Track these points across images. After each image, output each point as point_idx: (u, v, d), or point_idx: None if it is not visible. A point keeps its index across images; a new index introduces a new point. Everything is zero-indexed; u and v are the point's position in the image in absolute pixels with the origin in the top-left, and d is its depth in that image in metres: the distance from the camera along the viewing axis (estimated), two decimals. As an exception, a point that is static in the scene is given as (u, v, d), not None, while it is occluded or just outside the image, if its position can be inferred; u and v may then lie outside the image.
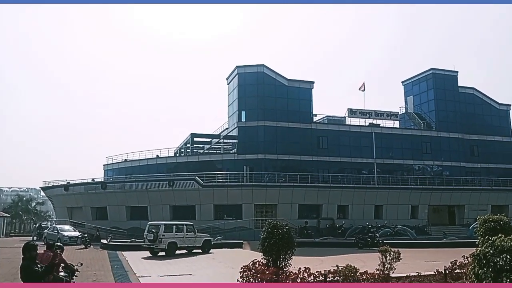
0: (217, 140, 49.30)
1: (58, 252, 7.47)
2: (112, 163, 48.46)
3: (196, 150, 48.83)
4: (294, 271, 10.64)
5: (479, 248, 5.16)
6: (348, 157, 44.89)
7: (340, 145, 45.28)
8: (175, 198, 38.35)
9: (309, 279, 11.05)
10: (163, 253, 23.61)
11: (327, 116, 50.49)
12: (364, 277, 11.84)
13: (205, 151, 49.27)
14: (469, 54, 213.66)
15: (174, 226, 24.97)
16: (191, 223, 26.86)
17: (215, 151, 48.10)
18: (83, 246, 29.38)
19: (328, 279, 11.47)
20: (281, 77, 44.71)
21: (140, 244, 25.60)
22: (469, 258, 5.32)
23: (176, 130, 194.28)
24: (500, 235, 5.18)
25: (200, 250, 25.51)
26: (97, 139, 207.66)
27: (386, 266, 12.25)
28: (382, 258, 12.37)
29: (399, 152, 47.09)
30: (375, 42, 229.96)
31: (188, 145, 48.07)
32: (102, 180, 45.32)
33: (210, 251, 25.81)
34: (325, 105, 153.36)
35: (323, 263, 14.38)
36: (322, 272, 11.71)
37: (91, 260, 21.37)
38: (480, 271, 5.01)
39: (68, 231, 34.27)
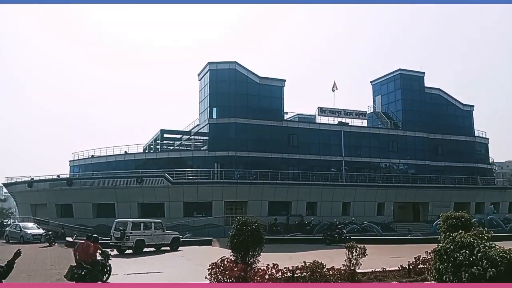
0: (187, 136, 48.83)
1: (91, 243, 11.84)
2: (79, 159, 47.23)
3: (166, 147, 48.22)
4: (262, 268, 10.70)
5: (441, 244, 5.34)
6: (318, 154, 45.49)
7: (310, 143, 45.81)
8: (143, 195, 37.77)
9: (277, 275, 11.15)
10: (131, 251, 23.29)
11: (298, 114, 50.97)
12: (331, 273, 12.06)
13: (175, 147, 48.72)
14: (436, 55, 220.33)
15: (142, 224, 24.64)
16: (160, 221, 26.59)
17: (185, 148, 47.64)
18: (47, 244, 28.57)
19: (295, 275, 11.62)
20: (253, 75, 44.76)
21: (106, 242, 25.12)
22: (431, 254, 5.48)
23: (146, 126, 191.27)
24: (460, 231, 5.38)
25: (168, 248, 25.30)
26: (63, 134, 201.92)
27: (352, 262, 12.51)
28: (348, 254, 12.62)
29: (367, 151, 48.10)
30: (346, 42, 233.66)
31: (158, 141, 47.40)
32: (68, 176, 44.08)
33: (179, 249, 25.64)
34: (296, 103, 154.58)
35: (291, 259, 14.52)
36: (290, 268, 11.86)
37: (55, 258, 20.82)
38: (441, 266, 5.19)
39: (32, 228, 33.21)
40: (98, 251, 12.36)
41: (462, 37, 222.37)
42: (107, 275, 12.83)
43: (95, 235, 13.13)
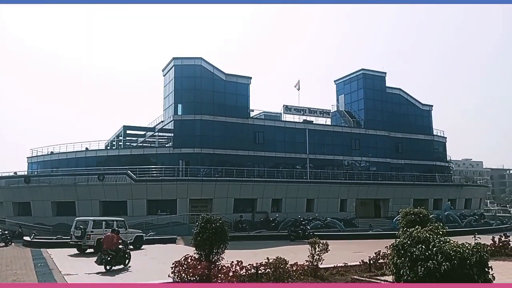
0: (151, 133, 48.01)
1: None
2: (37, 156, 45.44)
3: (129, 143, 47.21)
4: (226, 265, 10.72)
5: (398, 239, 5.53)
6: (283, 152, 45.93)
7: (275, 140, 46.17)
8: (105, 193, 36.84)
9: (241, 272, 11.20)
10: (92, 250, 22.74)
11: (264, 112, 51.21)
12: (294, 269, 12.25)
13: (139, 144, 47.81)
14: (397, 56, 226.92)
15: (104, 222, 24.08)
16: (122, 219, 26.12)
17: (149, 145, 46.85)
18: (3, 244, 27.46)
19: (259, 271, 11.71)
20: (218, 71, 44.54)
21: (66, 241, 24.43)
22: (389, 249, 5.66)
23: (108, 121, 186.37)
24: (417, 227, 5.58)
25: (131, 247, 24.82)
26: (20, 129, 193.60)
27: (315, 258, 12.75)
28: (311, 250, 12.85)
29: (330, 148, 48.97)
30: (311, 41, 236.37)
31: (121, 137, 46.34)
32: (26, 173, 42.36)
33: (142, 247, 25.33)
34: (262, 101, 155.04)
35: (256, 256, 14.61)
36: (254, 264, 11.94)
37: (12, 258, 20.03)
38: (398, 260, 5.37)
39: (-14, 228, 31.68)
40: (119, 240, 16.55)
41: (424, 38, 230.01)
42: (128, 260, 16.81)
43: (116, 228, 18.53)
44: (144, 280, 11.73)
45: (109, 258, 15.66)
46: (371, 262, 13.62)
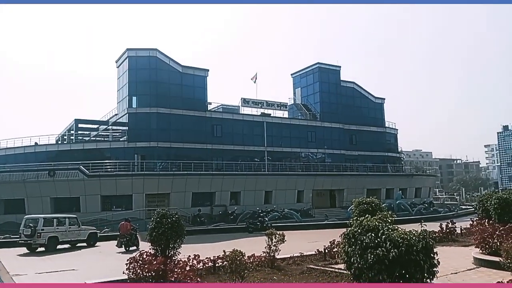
0: (105, 127, 46.52)
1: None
2: (-19, 151, 42.89)
3: (81, 138, 45.55)
4: (183, 259, 10.63)
5: (349, 228, 5.70)
6: (241, 145, 46.00)
7: (233, 133, 46.12)
8: (56, 190, 35.38)
9: (198, 266, 11.16)
10: (43, 249, 21.90)
11: (222, 105, 50.98)
12: (251, 260, 12.35)
13: (92, 138, 46.25)
14: (351, 50, 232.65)
15: (55, 219, 23.21)
16: (75, 216, 25.23)
17: (103, 139, 45.42)
18: None
19: (217, 265, 11.72)
20: (175, 63, 43.77)
21: (15, 240, 23.31)
22: (341, 237, 5.85)
23: (58, 115, 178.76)
24: (367, 215, 5.79)
25: (85, 244, 24.16)
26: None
27: (272, 248, 12.92)
28: (268, 241, 13.01)
29: (288, 141, 49.62)
30: (269, 34, 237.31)
31: (72, 131, 44.57)
32: (-31, 170, 39.87)
33: (96, 244, 24.64)
34: (220, 94, 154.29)
35: (214, 249, 14.60)
36: (212, 258, 11.94)
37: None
38: (349, 249, 5.55)
39: None
40: (131, 227, 21.91)
41: (378, 33, 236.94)
42: (137, 242, 21.69)
43: (128, 218, 25.02)
44: (99, 278, 11.42)
45: (125, 241, 21.32)
46: (326, 251, 13.97)
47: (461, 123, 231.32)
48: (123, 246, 21.36)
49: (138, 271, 9.98)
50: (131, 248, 20.99)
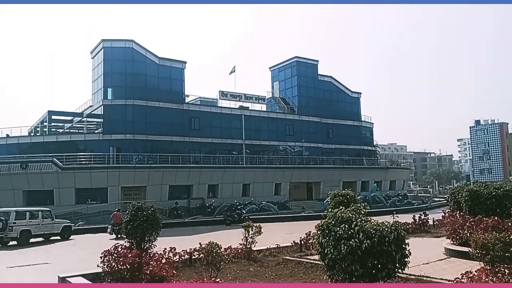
0: (79, 118, 45.54)
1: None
2: (-51, 143, 41.37)
3: (54, 130, 44.53)
4: (159, 252, 10.57)
5: (324, 220, 5.79)
6: (219, 138, 45.85)
7: (211, 126, 45.90)
8: (29, 182, 34.54)
9: (174, 259, 11.11)
10: (15, 242, 21.44)
11: (199, 98, 50.63)
12: (228, 252, 12.39)
13: (66, 130, 45.23)
14: (329, 44, 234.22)
15: (28, 213, 22.72)
16: (48, 209, 24.77)
17: (77, 131, 44.50)
18: None
19: (193, 257, 11.70)
20: (151, 55, 43.11)
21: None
22: (315, 229, 5.93)
23: (31, 106, 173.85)
24: (341, 207, 5.89)
25: (59, 237, 23.78)
26: None
27: (248, 240, 12.98)
28: (245, 233, 13.06)
29: (266, 134, 49.76)
30: (247, 27, 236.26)
31: (45, 123, 43.50)
32: None
33: (70, 238, 24.30)
34: (198, 86, 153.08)
35: (191, 242, 14.55)
36: (188, 250, 11.90)
37: None
38: (323, 240, 5.63)
39: None
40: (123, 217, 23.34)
41: (353, 27, 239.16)
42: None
43: (119, 208, 26.97)
44: (72, 271, 11.23)
45: (117, 229, 23.34)
46: (302, 242, 14.12)
47: (435, 117, 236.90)
48: (114, 233, 24.07)
49: (113, 264, 9.86)
50: (123, 236, 22.21)
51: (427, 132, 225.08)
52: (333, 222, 5.61)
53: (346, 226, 5.44)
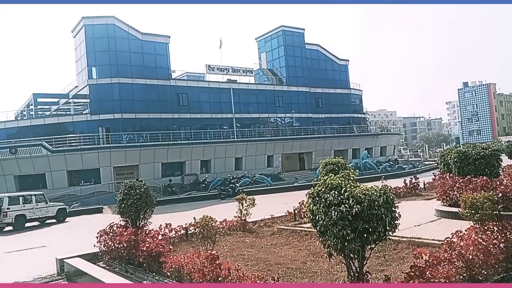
0: (66, 100, 44.88)
1: None
2: None
3: (41, 112, 43.91)
4: (155, 229, 10.67)
5: (314, 188, 5.86)
6: (209, 113, 45.57)
7: (200, 101, 45.51)
8: (20, 167, 34.33)
9: (170, 234, 11.24)
10: (11, 228, 21.52)
11: (186, 73, 49.97)
12: (223, 225, 12.56)
13: (53, 113, 44.64)
14: (315, 13, 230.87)
15: (21, 197, 22.74)
16: (41, 193, 24.81)
17: (64, 113, 43.92)
18: None
19: (189, 232, 11.85)
20: (134, 30, 42.14)
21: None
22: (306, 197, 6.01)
23: (15, 90, 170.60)
24: (330, 174, 5.95)
25: (55, 220, 23.88)
26: None
27: (243, 213, 13.16)
28: (239, 206, 13.22)
29: (255, 107, 49.53)
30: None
31: (31, 107, 42.82)
32: None
33: (66, 220, 24.40)
34: (184, 61, 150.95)
35: (186, 218, 14.70)
36: (184, 226, 12.04)
37: None
38: (314, 207, 5.71)
39: None
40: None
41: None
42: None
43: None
44: (71, 253, 11.33)
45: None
46: (296, 212, 14.34)
47: (424, 81, 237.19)
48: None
49: (109, 243, 9.98)
50: None
51: (417, 97, 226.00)
52: (323, 189, 5.67)
53: (336, 192, 5.50)
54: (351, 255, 5.67)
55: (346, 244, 5.41)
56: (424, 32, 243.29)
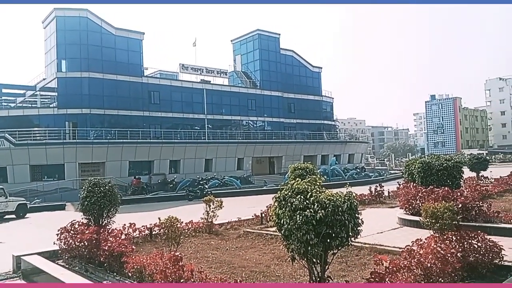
0: (32, 92, 43.39)
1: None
2: None
3: (6, 104, 42.25)
4: (118, 228, 10.44)
5: (280, 192, 5.89)
6: (181, 112, 45.12)
7: (172, 100, 45.00)
8: (-21, 159, 32.93)
9: (134, 234, 11.03)
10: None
11: (159, 71, 49.31)
12: (189, 226, 12.44)
13: (18, 105, 43.08)
14: (290, 19, 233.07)
15: (-20, 190, 21.72)
16: (1, 187, 23.82)
17: (30, 105, 42.46)
18: None
19: (153, 232, 11.66)
20: (107, 25, 41.30)
21: None
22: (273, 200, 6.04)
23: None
24: (297, 179, 6.00)
25: (14, 216, 22.98)
26: None
27: (210, 214, 13.06)
28: (206, 207, 13.12)
29: (228, 109, 49.45)
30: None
31: (-4, 97, 41.22)
32: None
33: (26, 216, 23.51)
34: (158, 60, 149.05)
35: (152, 218, 14.48)
36: (148, 226, 11.84)
37: None
38: (280, 211, 5.74)
39: None
40: (140, 182, 35.49)
41: (316, 7, 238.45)
42: (145, 191, 34.61)
43: (137, 176, 36.47)
44: (27, 250, 10.92)
45: (136, 190, 34.33)
46: (263, 215, 14.36)
47: (394, 92, 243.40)
48: (134, 194, 33.85)
49: (70, 241, 9.70)
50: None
51: (386, 107, 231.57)
52: (289, 193, 5.71)
53: (302, 197, 5.55)
54: (314, 260, 5.73)
55: (309, 248, 5.46)
56: (396, 44, 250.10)
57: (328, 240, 5.49)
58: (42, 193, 32.43)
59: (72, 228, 9.87)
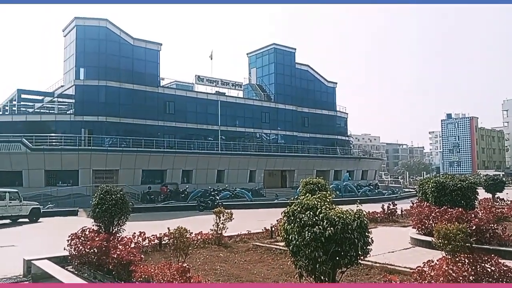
0: (50, 98, 44.25)
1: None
2: None
3: (24, 109, 43.17)
4: (128, 236, 10.47)
5: (290, 207, 5.86)
6: (195, 123, 45.46)
7: (187, 111, 45.44)
8: (-4, 163, 33.52)
9: (143, 243, 11.06)
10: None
11: (175, 81, 49.90)
12: (199, 237, 12.42)
13: (36, 110, 43.93)
14: (307, 33, 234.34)
15: (-5, 194, 22.07)
16: (16, 190, 24.16)
17: (47, 111, 43.29)
18: None
19: (163, 242, 11.67)
20: (126, 35, 42.09)
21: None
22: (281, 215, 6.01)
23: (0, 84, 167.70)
24: (307, 194, 5.96)
25: (27, 220, 23.26)
26: None
27: (219, 226, 13.03)
28: (216, 219, 13.10)
29: (242, 121, 49.67)
30: (227, 12, 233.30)
31: (15, 102, 42.15)
32: None
33: (39, 220, 23.78)
34: (174, 70, 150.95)
35: (163, 227, 14.52)
36: (158, 235, 11.86)
37: None
38: (288, 226, 5.71)
39: None
40: (168, 189, 37.56)
41: (333, 18, 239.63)
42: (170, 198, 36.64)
43: (166, 183, 38.57)
44: (38, 254, 11.03)
45: (164, 197, 36.30)
46: (273, 229, 14.26)
47: (409, 110, 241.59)
48: (164, 200, 35.71)
49: (80, 247, 9.75)
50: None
51: (401, 124, 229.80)
52: (298, 209, 5.68)
53: (311, 213, 5.51)
54: (322, 278, 5.66)
55: (317, 266, 5.39)
56: (414, 62, 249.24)
57: (337, 258, 5.42)
58: (55, 198, 32.81)
59: (83, 235, 9.95)
